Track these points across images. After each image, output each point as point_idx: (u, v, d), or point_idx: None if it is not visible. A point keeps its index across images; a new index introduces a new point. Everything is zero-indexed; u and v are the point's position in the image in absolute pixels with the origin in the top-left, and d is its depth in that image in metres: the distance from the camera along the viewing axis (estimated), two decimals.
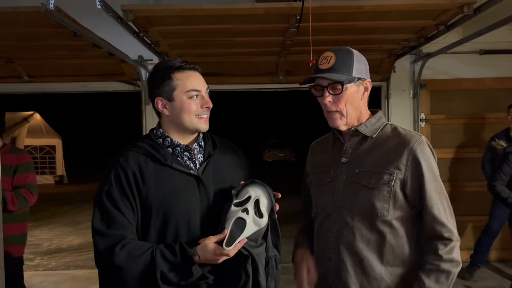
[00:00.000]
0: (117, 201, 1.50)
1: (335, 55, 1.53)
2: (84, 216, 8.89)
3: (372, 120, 1.60)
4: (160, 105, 1.60)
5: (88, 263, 5.62)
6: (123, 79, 4.89)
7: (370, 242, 1.51)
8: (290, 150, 21.63)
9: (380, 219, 1.50)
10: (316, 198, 1.68)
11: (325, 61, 1.54)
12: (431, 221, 1.49)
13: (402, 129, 1.59)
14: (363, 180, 1.53)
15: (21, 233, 3.18)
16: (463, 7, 3.05)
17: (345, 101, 1.54)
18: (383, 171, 1.50)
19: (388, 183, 1.49)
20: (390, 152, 1.52)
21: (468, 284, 4.44)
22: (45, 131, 13.79)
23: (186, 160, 1.61)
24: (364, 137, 1.58)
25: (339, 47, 1.59)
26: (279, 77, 4.94)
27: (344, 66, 1.52)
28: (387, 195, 1.49)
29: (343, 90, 1.52)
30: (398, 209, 1.50)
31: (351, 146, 1.60)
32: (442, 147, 4.98)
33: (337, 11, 3.11)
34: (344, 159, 1.59)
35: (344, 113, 1.55)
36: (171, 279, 1.45)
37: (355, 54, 1.56)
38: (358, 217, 1.52)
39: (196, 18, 3.26)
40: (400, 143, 1.52)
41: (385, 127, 1.61)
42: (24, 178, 3.12)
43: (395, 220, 1.50)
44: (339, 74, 1.51)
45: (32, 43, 3.79)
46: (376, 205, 1.49)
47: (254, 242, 1.50)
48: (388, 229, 1.50)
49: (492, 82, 5.01)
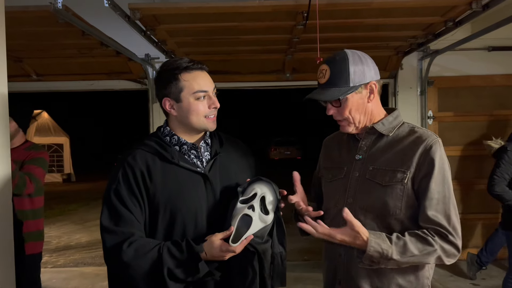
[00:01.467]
0: (125, 199, 1.51)
1: (329, 68, 1.51)
2: (92, 213, 8.96)
3: (389, 118, 1.59)
4: (168, 105, 1.61)
5: (97, 260, 5.66)
6: (130, 77, 4.92)
7: None
8: (296, 148, 21.64)
9: (393, 217, 1.49)
10: (327, 193, 1.68)
11: (321, 75, 1.54)
12: (426, 221, 1.45)
13: (419, 129, 1.57)
14: (376, 177, 1.52)
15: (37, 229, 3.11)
16: (472, 3, 3.03)
17: (349, 110, 1.54)
18: (397, 169, 1.49)
19: (402, 181, 1.48)
20: (405, 151, 1.51)
21: (476, 282, 4.42)
22: (52, 129, 13.90)
23: (193, 158, 1.62)
24: (380, 135, 1.58)
25: (334, 55, 1.54)
26: (286, 75, 4.94)
27: (340, 77, 1.50)
28: (400, 194, 1.48)
29: (342, 103, 1.53)
30: (410, 207, 1.49)
31: (366, 143, 1.59)
32: (450, 145, 4.95)
33: (345, 8, 3.10)
34: (359, 156, 1.59)
35: (351, 120, 1.56)
36: (178, 275, 1.45)
37: (351, 59, 1.51)
38: (371, 214, 1.51)
39: (203, 16, 3.26)
40: (415, 141, 1.51)
41: (402, 126, 1.59)
42: (31, 168, 2.91)
43: (407, 219, 1.49)
44: (335, 88, 1.50)
45: (41, 42, 3.82)
46: (389, 203, 1.48)
47: (260, 239, 1.51)
48: (400, 228, 1.49)
49: (500, 79, 4.97)
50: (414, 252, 1.42)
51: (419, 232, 1.45)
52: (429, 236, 1.44)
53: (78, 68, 4.73)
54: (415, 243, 1.42)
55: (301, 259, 5.28)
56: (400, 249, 1.41)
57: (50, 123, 13.90)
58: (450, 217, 1.46)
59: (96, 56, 4.32)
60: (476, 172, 4.97)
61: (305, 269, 4.70)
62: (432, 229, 1.45)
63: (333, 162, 1.69)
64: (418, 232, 1.45)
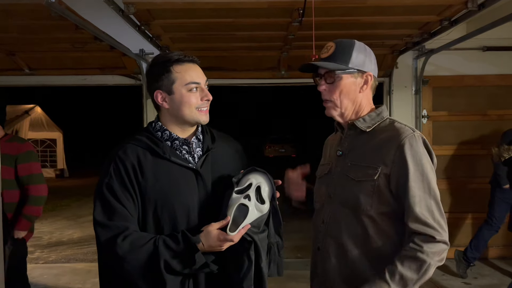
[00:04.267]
0: (117, 193, 1.50)
1: (336, 45, 1.55)
2: (85, 209, 8.91)
3: (372, 114, 1.59)
4: (160, 98, 1.60)
5: (88, 257, 5.63)
6: (124, 72, 4.88)
7: (354, 236, 1.50)
8: (291, 146, 21.65)
9: (364, 213, 1.48)
10: (316, 189, 1.71)
11: (325, 50, 1.57)
12: (413, 220, 1.42)
13: (398, 124, 1.54)
14: (351, 173, 1.53)
15: None
16: (467, 3, 3.03)
17: (339, 91, 1.54)
18: (369, 165, 1.49)
19: (372, 177, 1.46)
20: (380, 146, 1.50)
21: (467, 281, 4.44)
22: (46, 124, 13.78)
23: (185, 154, 1.61)
24: (360, 131, 1.58)
25: (343, 39, 1.58)
26: (281, 72, 4.92)
27: (342, 56, 1.53)
28: (370, 190, 1.47)
29: (336, 80, 1.54)
30: (382, 204, 1.47)
31: (347, 139, 1.61)
32: (444, 144, 4.98)
33: (340, 5, 3.10)
34: (340, 151, 1.61)
35: (338, 103, 1.56)
36: (175, 267, 1.44)
37: (357, 45, 1.55)
38: (345, 210, 1.52)
39: (198, 12, 3.24)
40: (391, 137, 1.49)
41: (383, 121, 1.58)
42: (28, 168, 3.06)
43: (379, 215, 1.47)
44: (334, 63, 1.53)
45: (33, 36, 3.78)
46: (360, 198, 1.48)
47: (256, 229, 1.51)
48: (371, 224, 1.48)
49: (495, 79, 4.98)
50: (413, 277, 1.38)
51: (406, 252, 1.40)
52: (418, 250, 1.39)
53: (71, 62, 4.69)
54: (409, 267, 1.38)
55: (294, 257, 5.29)
56: (400, 283, 1.38)
57: (43, 118, 13.78)
58: (433, 212, 1.42)
59: (89, 50, 4.29)
60: (469, 171, 4.99)
61: (298, 267, 4.70)
62: (418, 235, 1.40)
63: (324, 159, 1.73)
64: (406, 253, 1.40)
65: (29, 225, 3.08)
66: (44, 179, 3.22)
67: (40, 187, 3.10)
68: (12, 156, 3.00)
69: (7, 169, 2.96)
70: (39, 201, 3.09)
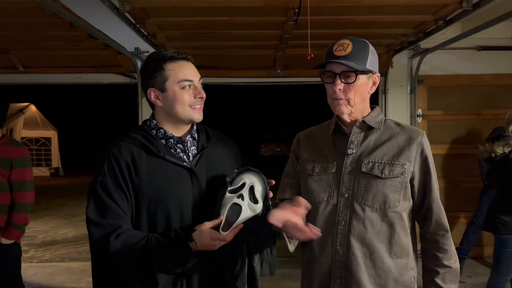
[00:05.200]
0: (111, 191, 1.49)
1: (352, 44, 1.51)
2: (79, 208, 8.87)
3: (373, 113, 1.61)
4: (153, 96, 1.59)
5: (83, 256, 5.61)
6: (119, 71, 4.87)
7: (380, 234, 1.51)
8: (287, 145, 21.63)
9: (392, 210, 1.51)
10: (311, 187, 1.61)
11: (341, 48, 1.51)
12: (438, 211, 1.56)
13: (403, 124, 1.64)
14: (374, 170, 1.53)
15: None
16: (462, 2, 3.05)
17: (355, 91, 1.53)
18: (395, 162, 1.53)
19: (402, 174, 1.52)
20: (400, 145, 1.56)
21: (462, 280, 4.46)
22: (40, 123, 13.71)
23: (179, 152, 1.60)
24: (370, 129, 1.59)
25: (355, 37, 1.57)
26: (277, 71, 4.92)
27: (360, 56, 1.51)
28: (399, 186, 1.52)
29: (356, 80, 1.51)
30: (406, 200, 1.54)
31: (357, 138, 1.59)
32: (439, 143, 4.99)
33: (336, 4, 3.10)
34: (351, 150, 1.58)
35: (352, 102, 1.54)
36: (167, 266, 1.44)
37: (370, 47, 1.56)
38: (370, 208, 1.51)
39: (193, 10, 3.23)
40: (408, 136, 1.57)
41: (386, 121, 1.63)
42: (21, 174, 3.05)
43: (404, 211, 1.54)
44: (355, 63, 1.49)
45: (28, 34, 3.76)
46: (389, 196, 1.51)
47: (249, 228, 1.50)
48: (398, 220, 1.52)
49: (489, 79, 5.01)
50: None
51: (442, 269, 1.55)
52: (449, 260, 1.56)
53: (66, 60, 4.66)
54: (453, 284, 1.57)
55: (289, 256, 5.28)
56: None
57: (38, 116, 13.70)
58: (439, 206, 1.58)
59: (84, 48, 4.26)
60: (464, 170, 5.01)
61: (294, 266, 4.70)
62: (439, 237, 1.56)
63: (318, 156, 1.64)
64: (444, 271, 1.55)
65: (17, 233, 3.06)
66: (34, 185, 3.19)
67: (30, 194, 3.10)
68: (8, 159, 3.02)
69: (2, 172, 2.98)
70: (27, 208, 3.09)
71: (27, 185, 3.07)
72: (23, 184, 3.05)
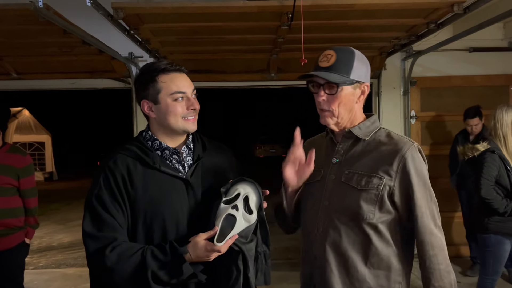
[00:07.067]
0: (107, 204, 1.50)
1: (336, 54, 1.51)
2: (75, 213, 8.83)
3: (366, 123, 1.60)
4: (147, 107, 1.60)
5: (79, 261, 5.59)
6: (113, 76, 4.86)
7: (356, 243, 1.51)
8: (282, 146, 21.70)
9: (366, 221, 1.49)
10: (305, 194, 1.67)
11: (325, 59, 1.53)
12: (422, 230, 1.49)
13: (395, 135, 1.58)
14: (352, 181, 1.53)
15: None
16: (453, 6, 3.08)
17: (339, 102, 1.53)
18: (373, 174, 1.50)
19: (377, 187, 1.49)
20: (382, 157, 1.52)
21: (458, 279, 4.48)
22: (34, 127, 13.66)
23: (175, 163, 1.61)
24: (357, 139, 1.58)
25: (342, 46, 1.57)
26: (271, 75, 4.94)
27: (343, 67, 1.50)
28: (374, 198, 1.49)
29: (338, 91, 1.51)
30: (384, 213, 1.50)
31: (343, 147, 1.60)
32: (432, 144, 5.04)
33: (329, 9, 3.12)
34: (335, 159, 1.60)
35: (336, 113, 1.55)
36: (162, 278, 1.45)
37: (357, 55, 1.54)
38: (345, 217, 1.52)
39: (187, 16, 3.24)
40: (392, 149, 1.52)
41: (379, 131, 1.60)
42: (30, 181, 3.17)
43: (381, 223, 1.50)
44: (337, 74, 1.49)
45: (21, 40, 3.75)
46: (362, 207, 1.49)
47: (244, 239, 1.51)
48: (373, 232, 1.50)
49: (481, 80, 5.06)
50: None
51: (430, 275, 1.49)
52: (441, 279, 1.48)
53: (59, 66, 4.65)
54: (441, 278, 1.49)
55: (285, 258, 5.30)
56: None
57: (31, 120, 13.65)
58: (435, 217, 1.52)
59: (78, 54, 4.26)
60: None
61: (289, 268, 4.72)
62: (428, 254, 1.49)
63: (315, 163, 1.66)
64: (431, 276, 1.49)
65: (33, 232, 3.38)
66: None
67: (36, 199, 3.27)
68: (15, 168, 3.08)
69: (9, 180, 3.04)
70: (36, 211, 3.30)
71: (34, 191, 3.23)
72: (31, 191, 3.20)
